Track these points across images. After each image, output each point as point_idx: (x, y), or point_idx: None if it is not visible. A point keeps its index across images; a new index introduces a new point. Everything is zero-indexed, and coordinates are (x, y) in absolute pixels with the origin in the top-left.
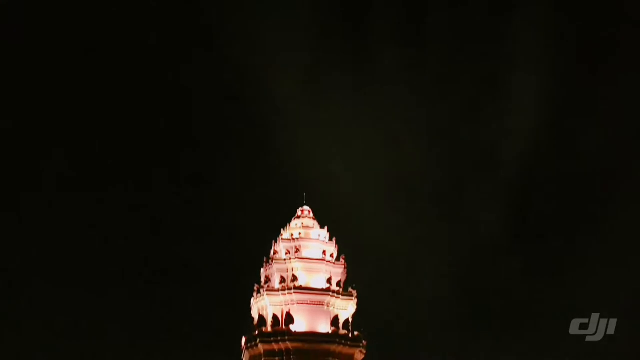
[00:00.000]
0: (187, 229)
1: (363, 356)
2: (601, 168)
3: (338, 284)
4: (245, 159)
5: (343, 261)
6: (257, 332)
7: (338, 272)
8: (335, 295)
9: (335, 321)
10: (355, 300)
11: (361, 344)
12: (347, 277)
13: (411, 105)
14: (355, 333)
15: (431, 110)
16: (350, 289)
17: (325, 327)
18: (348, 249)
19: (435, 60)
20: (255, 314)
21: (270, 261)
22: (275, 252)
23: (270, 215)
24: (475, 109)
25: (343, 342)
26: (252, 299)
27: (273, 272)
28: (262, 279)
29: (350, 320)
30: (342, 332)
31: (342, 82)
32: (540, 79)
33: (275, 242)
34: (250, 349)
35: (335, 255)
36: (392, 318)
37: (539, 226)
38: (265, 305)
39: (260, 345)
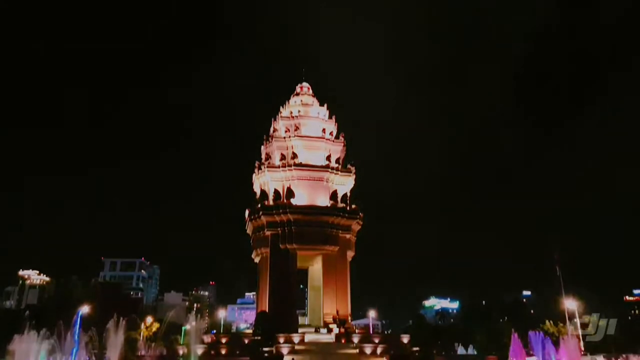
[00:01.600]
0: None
1: (360, 227)
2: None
3: (337, 161)
4: (243, 34)
5: (342, 139)
6: (259, 206)
7: (337, 150)
8: (334, 171)
9: (333, 195)
10: (354, 176)
11: (358, 216)
12: (346, 154)
13: None
14: (353, 206)
15: None
16: (349, 166)
17: (324, 201)
18: (348, 126)
19: None
20: (257, 189)
21: (270, 139)
22: (274, 130)
23: (269, 91)
24: None
25: (341, 214)
26: (254, 175)
27: (273, 150)
28: (263, 156)
29: (349, 194)
30: (340, 205)
31: None
32: None
33: (275, 119)
34: (253, 221)
35: (334, 133)
36: (390, 192)
37: (541, 106)
38: (266, 181)
39: (262, 217)
